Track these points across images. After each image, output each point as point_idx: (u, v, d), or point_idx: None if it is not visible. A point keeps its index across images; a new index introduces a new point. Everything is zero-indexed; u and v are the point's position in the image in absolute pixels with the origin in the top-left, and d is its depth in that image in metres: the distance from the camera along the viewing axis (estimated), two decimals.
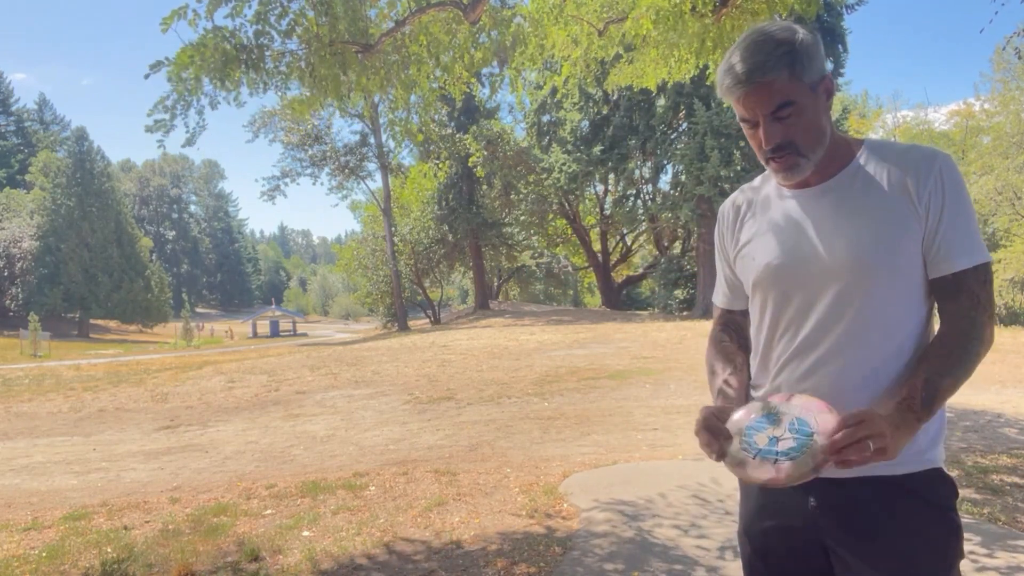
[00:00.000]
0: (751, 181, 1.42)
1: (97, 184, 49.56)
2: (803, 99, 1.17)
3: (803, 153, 1.19)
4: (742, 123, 1.25)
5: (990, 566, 2.89)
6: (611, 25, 4.80)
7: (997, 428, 6.24)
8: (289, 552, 3.43)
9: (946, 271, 1.16)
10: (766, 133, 1.19)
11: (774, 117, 1.18)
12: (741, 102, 1.20)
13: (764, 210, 1.33)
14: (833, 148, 1.24)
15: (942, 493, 1.18)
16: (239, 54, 3.89)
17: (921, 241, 1.17)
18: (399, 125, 5.26)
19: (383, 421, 8.42)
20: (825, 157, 1.23)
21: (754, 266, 1.32)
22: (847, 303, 1.18)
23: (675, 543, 3.30)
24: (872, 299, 1.17)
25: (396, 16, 4.57)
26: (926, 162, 1.17)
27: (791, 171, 1.21)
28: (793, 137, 1.19)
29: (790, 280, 1.24)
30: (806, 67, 1.17)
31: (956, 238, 1.15)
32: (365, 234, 38.32)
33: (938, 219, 1.15)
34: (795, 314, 1.24)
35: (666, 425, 6.95)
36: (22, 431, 9.31)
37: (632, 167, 28.05)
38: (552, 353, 14.96)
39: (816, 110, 1.19)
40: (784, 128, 1.18)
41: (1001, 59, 25.82)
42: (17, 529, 4.10)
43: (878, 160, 1.22)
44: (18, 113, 68.43)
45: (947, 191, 1.15)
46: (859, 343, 1.18)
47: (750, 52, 1.17)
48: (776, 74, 1.15)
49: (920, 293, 1.19)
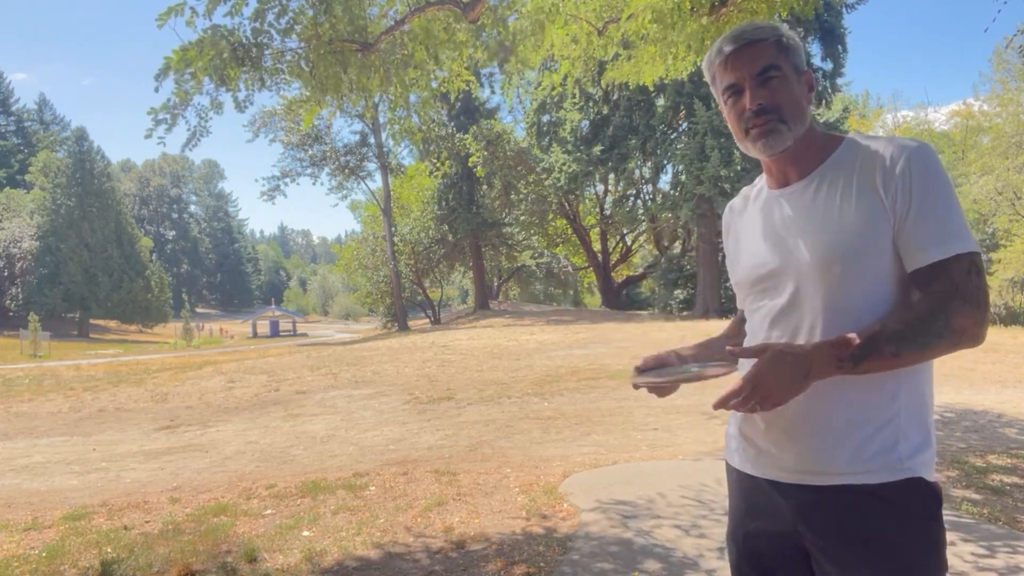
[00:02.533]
0: (752, 183, 1.43)
1: (97, 184, 49.58)
2: (787, 70, 1.21)
3: (785, 119, 1.20)
4: (726, 95, 1.25)
5: (990, 566, 2.89)
6: (610, 24, 4.80)
7: (997, 428, 6.24)
8: (289, 552, 3.43)
9: (920, 263, 1.13)
10: (752, 94, 1.20)
11: (760, 81, 1.20)
12: (728, 65, 1.22)
13: (750, 212, 1.36)
14: (816, 145, 1.24)
15: (921, 503, 1.15)
16: (238, 52, 3.89)
17: (891, 236, 1.15)
18: (398, 124, 5.26)
19: (383, 421, 8.42)
20: (808, 153, 1.24)
21: (737, 269, 1.37)
22: (812, 300, 1.19)
23: (675, 543, 3.30)
24: (837, 295, 1.16)
25: (395, 15, 4.57)
26: (895, 155, 1.15)
27: (771, 136, 1.21)
28: (778, 101, 1.20)
29: (764, 281, 1.27)
30: (791, 49, 1.22)
31: (929, 229, 1.12)
32: (365, 234, 38.36)
33: (907, 211, 1.13)
34: (768, 313, 1.26)
35: (666, 425, 6.94)
36: (22, 431, 9.31)
37: (632, 167, 28.05)
38: (552, 353, 14.96)
39: (799, 90, 1.22)
40: (769, 93, 1.20)
41: (1001, 59, 25.84)
42: (17, 529, 4.09)
43: (852, 155, 1.21)
44: (18, 113, 68.48)
45: (915, 182, 1.13)
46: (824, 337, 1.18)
47: (739, 27, 1.23)
48: (764, 36, 1.21)
49: (894, 286, 1.17)
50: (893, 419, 1.15)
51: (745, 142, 1.25)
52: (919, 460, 1.16)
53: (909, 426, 1.16)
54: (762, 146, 1.23)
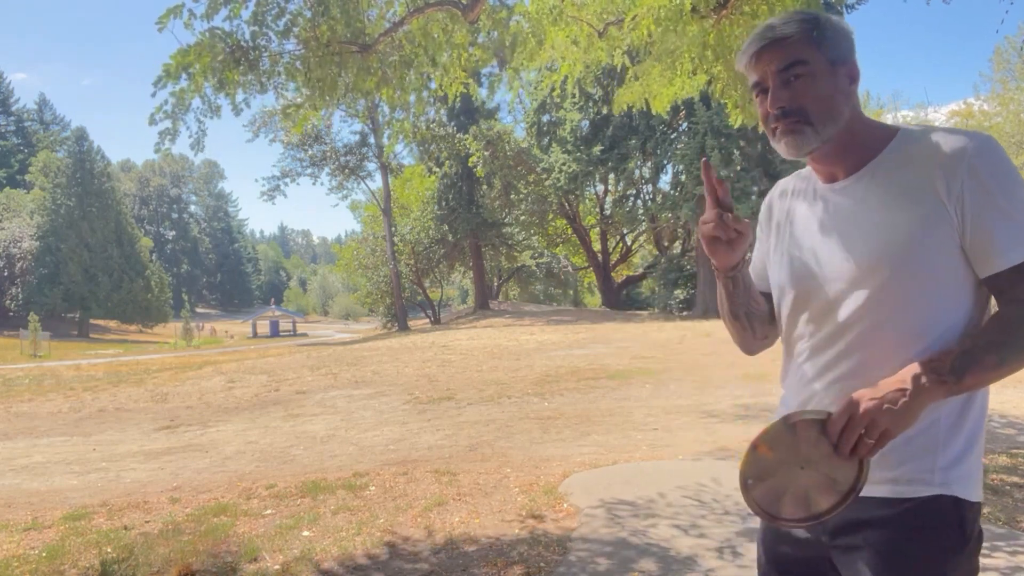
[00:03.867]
0: (800, 170, 1.33)
1: (97, 184, 49.58)
2: (817, 65, 1.11)
3: (810, 120, 1.11)
4: (753, 91, 1.19)
5: (990, 566, 2.89)
6: (611, 27, 4.80)
7: (997, 428, 6.24)
8: (289, 552, 3.43)
9: (998, 267, 1.03)
10: (773, 94, 1.13)
11: (783, 79, 1.12)
12: (754, 62, 1.15)
13: (795, 206, 1.27)
14: (865, 138, 1.15)
15: (948, 532, 1.03)
16: (236, 54, 3.89)
17: (957, 240, 1.05)
18: (395, 125, 5.26)
19: (383, 421, 8.42)
20: (855, 148, 1.15)
21: (776, 268, 1.28)
22: (863, 306, 1.10)
23: (675, 543, 3.30)
24: (888, 302, 1.07)
25: (394, 16, 4.57)
26: (957, 149, 1.05)
27: (794, 137, 1.13)
28: (802, 102, 1.11)
29: (807, 283, 1.18)
30: (827, 39, 1.12)
31: (1004, 230, 1.02)
32: (365, 234, 38.38)
33: (976, 215, 1.03)
34: (812, 317, 1.18)
35: (666, 425, 6.95)
36: (22, 431, 9.32)
37: (632, 167, 28.05)
38: (552, 353, 14.96)
39: (832, 86, 1.12)
40: (792, 93, 1.12)
41: (1001, 59, 25.85)
42: (17, 529, 4.09)
43: (907, 151, 1.11)
44: (18, 113, 68.50)
45: (984, 179, 1.03)
46: (875, 347, 1.09)
47: (769, 22, 1.15)
48: (791, 33, 1.11)
49: (960, 293, 1.08)
50: (932, 425, 1.06)
51: (773, 142, 1.19)
52: (954, 474, 1.05)
53: (950, 434, 1.06)
54: (786, 148, 1.16)
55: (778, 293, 1.27)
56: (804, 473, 1.03)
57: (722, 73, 4.65)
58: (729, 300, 1.32)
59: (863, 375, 1.09)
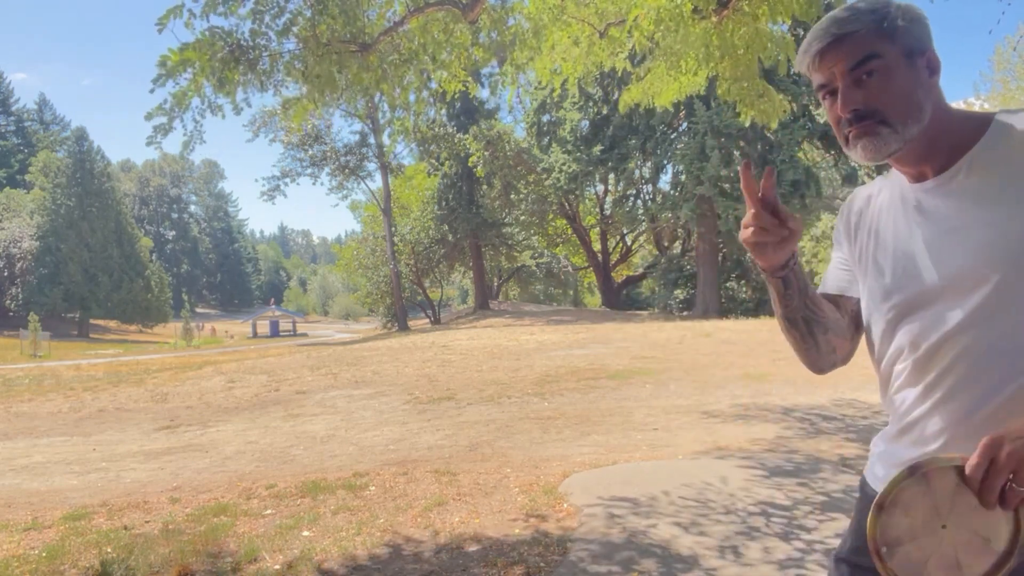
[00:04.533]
0: (883, 174, 1.21)
1: (97, 184, 49.61)
2: (892, 59, 1.00)
3: (888, 121, 1.00)
4: (819, 94, 1.07)
5: None
6: (611, 27, 4.80)
7: None
8: (289, 552, 3.43)
9: None
10: (844, 96, 1.01)
11: (854, 78, 1.01)
12: (818, 63, 1.04)
13: (883, 210, 1.14)
14: (955, 131, 1.03)
15: None
16: (235, 53, 3.89)
17: None
18: (395, 124, 5.26)
19: (383, 421, 8.42)
20: (944, 143, 1.03)
21: (866, 281, 1.15)
22: (972, 314, 0.97)
23: (675, 543, 3.30)
24: (1003, 308, 0.95)
25: (394, 16, 4.57)
26: None
27: (870, 140, 1.01)
28: (877, 103, 1.00)
29: (903, 293, 1.06)
30: (899, 29, 1.00)
31: None
32: (365, 234, 38.40)
33: None
34: (911, 332, 1.04)
35: (666, 425, 6.94)
36: (22, 431, 9.32)
37: (632, 167, 28.05)
38: (552, 353, 14.96)
39: (910, 80, 1.01)
40: (865, 93, 1.01)
41: (1001, 59, 25.86)
42: (17, 529, 4.09)
43: (1009, 139, 0.99)
44: (18, 113, 68.52)
45: None
46: (988, 362, 0.96)
47: (830, 16, 1.03)
48: (858, 27, 1.00)
49: None
50: None
51: (847, 150, 1.07)
52: None
53: None
54: (861, 153, 1.03)
55: (869, 309, 1.14)
56: (947, 533, 0.88)
57: (727, 71, 4.65)
58: (783, 304, 1.17)
59: (975, 394, 0.96)
